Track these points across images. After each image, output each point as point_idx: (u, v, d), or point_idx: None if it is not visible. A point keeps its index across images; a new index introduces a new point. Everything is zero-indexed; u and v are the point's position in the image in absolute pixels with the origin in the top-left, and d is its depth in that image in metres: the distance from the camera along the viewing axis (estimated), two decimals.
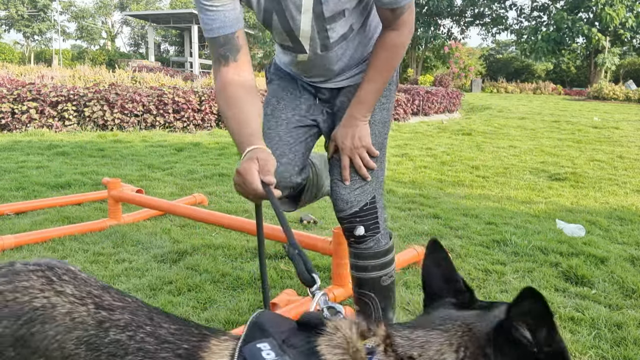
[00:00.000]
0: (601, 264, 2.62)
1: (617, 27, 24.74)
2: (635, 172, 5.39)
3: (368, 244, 1.58)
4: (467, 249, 2.79)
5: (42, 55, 35.65)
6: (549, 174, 5.12)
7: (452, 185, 4.55)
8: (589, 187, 4.58)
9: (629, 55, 30.09)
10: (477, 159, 5.97)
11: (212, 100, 7.92)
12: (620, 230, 3.26)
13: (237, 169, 1.24)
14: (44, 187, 3.86)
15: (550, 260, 2.64)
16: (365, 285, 1.63)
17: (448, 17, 32.08)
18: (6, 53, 30.54)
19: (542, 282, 2.37)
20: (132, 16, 31.05)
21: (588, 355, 1.75)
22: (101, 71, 13.30)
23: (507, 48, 37.66)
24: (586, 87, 23.65)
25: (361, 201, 1.56)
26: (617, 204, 3.97)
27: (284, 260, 2.57)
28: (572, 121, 10.65)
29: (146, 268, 2.43)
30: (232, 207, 3.52)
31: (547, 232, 3.14)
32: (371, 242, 1.58)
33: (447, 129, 9.01)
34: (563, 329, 1.93)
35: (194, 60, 24.85)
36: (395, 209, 3.62)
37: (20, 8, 37.46)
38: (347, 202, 1.56)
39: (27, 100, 7.01)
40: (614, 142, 7.68)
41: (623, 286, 2.35)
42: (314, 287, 1.03)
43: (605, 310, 2.10)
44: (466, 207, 3.75)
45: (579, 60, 30.92)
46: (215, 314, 1.93)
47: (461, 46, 24.42)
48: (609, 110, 13.80)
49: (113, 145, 6.03)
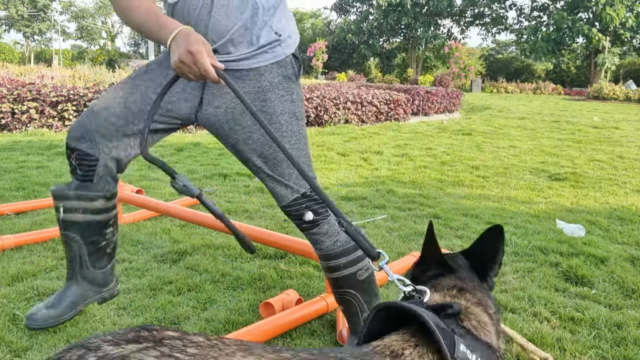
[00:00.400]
0: (601, 264, 2.62)
1: (617, 27, 24.74)
2: (635, 172, 5.39)
3: (322, 228, 1.56)
4: None
5: (42, 55, 35.67)
6: (549, 174, 5.12)
7: (452, 185, 4.55)
8: (589, 187, 4.58)
9: (629, 55, 30.08)
10: (477, 159, 5.98)
11: None
12: (620, 230, 3.26)
13: (188, 48, 1.23)
14: (44, 187, 3.87)
15: (550, 260, 2.64)
16: (343, 284, 1.62)
17: (448, 17, 32.08)
18: (6, 53, 30.55)
19: (542, 282, 2.37)
20: None
21: (588, 355, 1.75)
22: (101, 71, 13.30)
23: (507, 48, 37.64)
24: (586, 87, 23.65)
25: (300, 188, 1.53)
26: (617, 204, 3.97)
27: (284, 260, 2.57)
28: (572, 121, 10.65)
29: (146, 268, 2.43)
30: (232, 206, 3.52)
31: (547, 232, 3.14)
32: (324, 225, 1.56)
33: (447, 129, 9.01)
34: (563, 329, 1.93)
35: None
36: (395, 209, 3.62)
37: (20, 8, 37.46)
38: (283, 195, 1.54)
39: (27, 100, 7.01)
40: (614, 142, 7.68)
41: (623, 286, 2.35)
42: (383, 261, 1.05)
43: (605, 310, 2.10)
44: (466, 207, 3.76)
45: (579, 60, 30.92)
46: (215, 314, 1.93)
47: (461, 46, 24.43)
48: (609, 110, 13.80)
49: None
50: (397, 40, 34.61)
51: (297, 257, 2.58)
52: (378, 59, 35.53)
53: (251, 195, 3.89)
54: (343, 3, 34.87)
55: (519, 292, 2.25)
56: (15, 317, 1.85)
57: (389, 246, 2.81)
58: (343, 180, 4.60)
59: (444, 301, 0.88)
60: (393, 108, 10.21)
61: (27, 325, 1.54)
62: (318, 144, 6.74)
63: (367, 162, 5.62)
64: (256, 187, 4.11)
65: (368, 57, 33.98)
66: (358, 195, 3.98)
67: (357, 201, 3.82)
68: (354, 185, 4.41)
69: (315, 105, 8.74)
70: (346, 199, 3.87)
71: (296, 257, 2.58)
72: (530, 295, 2.21)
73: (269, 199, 3.79)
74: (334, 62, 32.66)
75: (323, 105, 8.82)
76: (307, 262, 2.53)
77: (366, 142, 7.06)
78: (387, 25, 30.50)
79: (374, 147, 6.55)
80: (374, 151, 6.28)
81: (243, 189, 4.09)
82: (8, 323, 1.81)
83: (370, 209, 3.60)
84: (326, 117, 8.83)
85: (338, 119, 9.07)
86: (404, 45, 34.28)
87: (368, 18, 31.53)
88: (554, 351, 1.76)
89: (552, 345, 1.80)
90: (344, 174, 4.87)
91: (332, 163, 5.44)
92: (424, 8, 30.13)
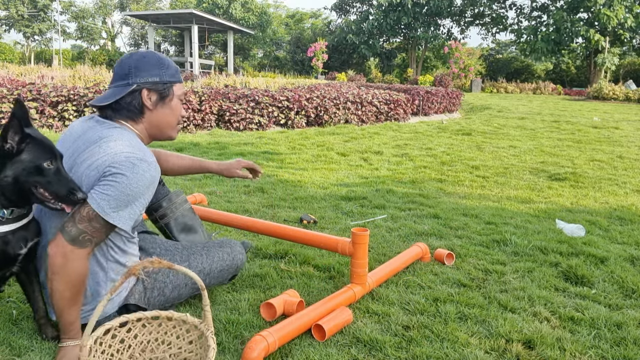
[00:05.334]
0: (601, 264, 2.62)
1: (616, 28, 24.73)
2: (635, 172, 5.39)
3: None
4: (467, 248, 2.79)
5: (42, 55, 35.66)
6: (549, 174, 5.12)
7: (452, 185, 4.55)
8: (588, 187, 4.58)
9: (628, 55, 30.08)
10: (477, 159, 5.98)
11: (212, 100, 7.92)
12: (620, 230, 3.26)
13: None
14: None
15: (550, 260, 2.65)
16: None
17: (448, 17, 32.08)
18: (6, 53, 30.54)
19: (542, 282, 2.38)
20: (132, 16, 31.04)
21: (588, 355, 1.75)
22: (101, 71, 13.29)
23: (507, 48, 37.62)
24: (586, 87, 23.66)
25: None
26: (617, 204, 3.97)
27: (284, 260, 2.57)
28: (572, 121, 10.65)
29: None
30: (232, 206, 3.52)
31: (547, 232, 3.14)
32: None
33: (447, 129, 9.01)
34: (563, 329, 1.93)
35: (194, 60, 24.84)
36: (395, 209, 3.62)
37: (20, 8, 37.44)
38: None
39: (27, 100, 7.01)
40: (614, 142, 7.68)
41: (623, 286, 2.35)
42: None
43: (605, 310, 2.10)
44: (466, 207, 3.76)
45: (579, 60, 30.92)
46: (215, 314, 1.93)
47: (461, 46, 24.43)
48: (608, 110, 13.80)
49: None
50: (397, 40, 34.62)
51: (297, 257, 2.58)
52: (378, 59, 35.53)
53: (251, 195, 3.90)
54: (343, 3, 34.86)
55: (519, 292, 2.25)
56: (15, 317, 1.85)
57: (389, 246, 2.81)
58: (343, 180, 4.60)
59: None
60: (393, 108, 10.21)
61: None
62: (318, 144, 6.74)
63: (367, 162, 5.62)
64: (256, 187, 4.11)
65: (368, 57, 33.99)
66: (358, 195, 3.98)
67: (357, 201, 3.82)
68: (354, 185, 4.41)
69: (315, 105, 8.74)
70: (346, 199, 3.87)
71: (296, 257, 2.58)
72: (530, 295, 2.21)
73: (268, 198, 3.79)
74: (334, 62, 32.67)
75: (323, 105, 8.82)
76: (307, 262, 2.54)
77: (366, 142, 7.06)
78: (387, 25, 30.49)
79: (374, 147, 6.56)
80: (374, 151, 6.29)
81: (243, 189, 4.09)
82: (8, 323, 1.81)
83: (370, 209, 3.60)
84: (326, 117, 8.83)
85: (338, 119, 9.07)
86: (404, 45, 34.29)
87: (368, 18, 31.53)
88: (554, 351, 1.76)
89: (552, 345, 1.80)
90: (344, 174, 4.87)
91: (332, 163, 5.44)
92: (424, 8, 30.13)
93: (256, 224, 2.48)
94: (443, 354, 1.72)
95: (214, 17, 25.57)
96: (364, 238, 2.07)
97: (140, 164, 1.56)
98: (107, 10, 43.70)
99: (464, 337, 1.83)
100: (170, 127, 1.80)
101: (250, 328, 1.85)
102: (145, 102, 1.70)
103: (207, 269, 1.98)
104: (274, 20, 38.58)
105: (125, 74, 1.70)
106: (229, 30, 28.68)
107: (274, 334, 1.67)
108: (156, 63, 1.72)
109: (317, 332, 1.82)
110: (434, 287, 2.28)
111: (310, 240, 2.29)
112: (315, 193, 4.03)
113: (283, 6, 46.66)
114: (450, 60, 23.99)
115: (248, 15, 35.04)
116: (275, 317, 1.89)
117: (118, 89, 1.70)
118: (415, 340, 1.81)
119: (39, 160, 1.48)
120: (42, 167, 1.48)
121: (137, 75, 1.69)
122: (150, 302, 1.82)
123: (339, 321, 1.86)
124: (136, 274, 1.29)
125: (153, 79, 1.70)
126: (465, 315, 2.01)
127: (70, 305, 1.54)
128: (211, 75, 15.63)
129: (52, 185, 1.49)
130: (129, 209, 1.56)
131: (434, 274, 2.44)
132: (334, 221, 3.28)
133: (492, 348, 1.78)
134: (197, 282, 1.40)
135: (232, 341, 1.76)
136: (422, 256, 2.59)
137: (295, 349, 1.73)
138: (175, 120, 1.82)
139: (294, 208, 3.57)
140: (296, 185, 4.31)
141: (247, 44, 37.94)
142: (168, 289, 1.86)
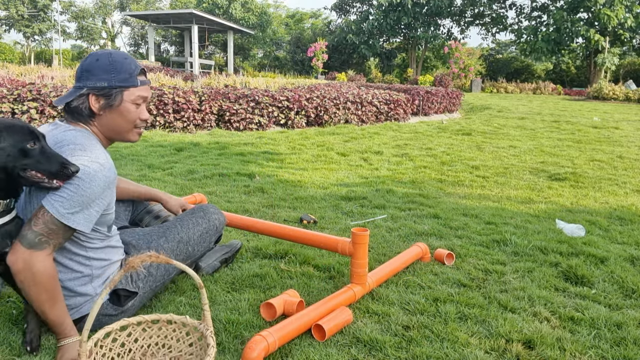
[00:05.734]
0: (601, 264, 2.62)
1: (616, 28, 24.73)
2: (635, 172, 5.39)
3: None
4: (467, 248, 2.79)
5: (42, 55, 35.67)
6: (549, 174, 5.12)
7: (452, 185, 4.55)
8: (588, 187, 4.58)
9: (628, 55, 30.08)
10: (477, 159, 5.98)
11: (212, 100, 7.92)
12: (620, 230, 3.26)
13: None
14: None
15: (550, 260, 2.65)
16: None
17: (448, 17, 32.07)
18: (6, 53, 30.56)
19: (542, 282, 2.38)
20: (132, 16, 31.02)
21: (588, 355, 1.75)
22: None
23: (507, 48, 37.61)
24: (586, 87, 23.65)
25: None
26: (617, 204, 3.97)
27: (284, 260, 2.57)
28: (572, 121, 10.65)
29: None
30: (232, 206, 3.52)
31: (547, 232, 3.14)
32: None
33: (447, 129, 9.01)
34: (563, 329, 1.93)
35: (194, 60, 24.83)
36: (395, 209, 3.62)
37: (20, 8, 37.44)
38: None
39: (27, 100, 7.01)
40: (614, 142, 7.68)
41: (623, 286, 2.35)
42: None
43: (605, 310, 2.10)
44: (466, 207, 3.76)
45: (579, 60, 30.91)
46: (215, 314, 1.94)
47: (461, 46, 24.42)
48: (608, 110, 13.80)
49: (113, 145, 6.03)
50: (397, 40, 34.61)
51: (297, 257, 2.58)
52: (378, 59, 35.53)
53: (251, 195, 3.90)
54: (343, 3, 34.86)
55: (518, 292, 2.25)
56: (15, 317, 1.85)
57: (389, 246, 2.81)
58: (343, 180, 4.60)
59: None
60: (393, 108, 10.21)
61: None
62: (318, 144, 6.74)
63: (367, 162, 5.63)
64: (256, 187, 4.11)
65: (368, 57, 33.98)
66: (358, 195, 3.98)
67: (357, 201, 3.82)
68: (354, 185, 4.41)
69: (315, 105, 8.74)
70: (346, 199, 3.87)
71: (296, 257, 2.58)
72: (530, 295, 2.21)
73: (268, 198, 3.79)
74: (334, 62, 32.66)
75: (323, 105, 8.82)
76: (307, 262, 2.54)
77: (366, 142, 7.06)
78: (387, 25, 30.49)
79: (374, 147, 6.56)
80: (374, 151, 6.29)
81: (243, 189, 4.09)
82: (8, 323, 1.81)
83: (370, 209, 3.60)
84: (326, 117, 8.83)
85: (338, 119, 9.07)
86: (404, 45, 34.28)
87: (368, 18, 31.52)
88: (554, 351, 1.76)
89: (552, 345, 1.80)
90: (344, 174, 4.87)
91: (332, 163, 5.44)
92: (424, 8, 30.12)
93: (256, 224, 2.48)
94: (443, 354, 1.72)
95: (214, 17, 25.57)
96: (364, 238, 2.07)
97: (92, 165, 1.57)
98: (107, 10, 43.69)
99: (464, 337, 1.83)
100: (124, 131, 1.75)
101: (250, 328, 1.85)
102: (92, 106, 1.68)
103: (185, 237, 2.02)
104: (274, 20, 38.57)
105: (79, 76, 1.70)
106: (229, 30, 28.67)
107: (274, 334, 1.67)
108: (106, 67, 1.68)
109: (317, 332, 1.82)
110: (434, 287, 2.28)
111: (310, 240, 2.29)
112: (315, 193, 4.03)
113: (283, 6, 46.70)
114: (450, 60, 23.98)
115: (248, 15, 35.03)
116: (275, 317, 1.89)
117: (71, 91, 1.70)
118: (415, 340, 1.81)
119: (20, 143, 1.46)
120: (25, 149, 1.47)
121: (87, 79, 1.68)
122: (138, 285, 1.84)
123: (339, 321, 1.86)
124: (136, 267, 1.29)
125: (101, 84, 1.67)
126: (465, 315, 2.01)
127: (51, 305, 1.54)
128: (211, 75, 15.63)
129: (42, 164, 1.48)
130: (87, 211, 1.56)
131: (434, 274, 2.44)
132: (334, 221, 3.28)
133: (492, 348, 1.78)
134: (194, 279, 1.40)
135: (232, 341, 1.76)
136: (422, 256, 2.59)
137: (295, 349, 1.73)
138: (128, 125, 1.75)
139: (294, 208, 3.57)
140: (296, 185, 4.31)
141: (247, 44, 37.94)
142: (153, 267, 1.89)
